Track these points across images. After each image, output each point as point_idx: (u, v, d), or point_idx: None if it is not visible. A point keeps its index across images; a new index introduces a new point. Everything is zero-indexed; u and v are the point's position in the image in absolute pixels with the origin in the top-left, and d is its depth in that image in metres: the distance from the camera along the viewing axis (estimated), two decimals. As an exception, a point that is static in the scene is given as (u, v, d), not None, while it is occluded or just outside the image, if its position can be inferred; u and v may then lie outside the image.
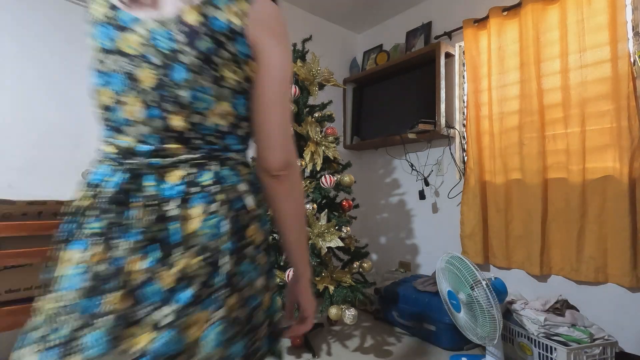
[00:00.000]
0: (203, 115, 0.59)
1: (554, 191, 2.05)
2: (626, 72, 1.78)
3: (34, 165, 1.93)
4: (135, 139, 0.59)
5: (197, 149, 0.60)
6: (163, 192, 0.57)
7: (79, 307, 0.53)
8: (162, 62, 0.57)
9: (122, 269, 0.54)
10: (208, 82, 0.58)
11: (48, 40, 1.98)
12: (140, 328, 0.53)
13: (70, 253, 0.58)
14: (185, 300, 0.54)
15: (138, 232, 0.55)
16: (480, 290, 1.65)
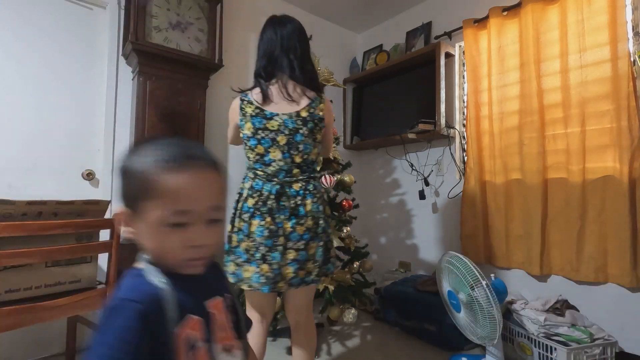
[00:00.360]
0: (308, 155, 1.28)
1: (554, 191, 2.05)
2: (626, 72, 1.78)
3: (34, 165, 1.92)
4: (276, 169, 1.25)
5: (304, 172, 1.28)
6: (293, 192, 1.25)
7: (264, 244, 1.20)
8: (290, 132, 1.25)
9: (282, 227, 1.21)
10: (310, 140, 1.28)
11: (49, 42, 1.98)
12: (291, 251, 1.21)
13: (255, 221, 1.21)
14: (308, 238, 1.23)
15: (286, 210, 1.22)
16: (480, 290, 1.65)
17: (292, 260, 1.20)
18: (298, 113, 1.25)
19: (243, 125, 1.27)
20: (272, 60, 1.30)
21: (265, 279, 1.19)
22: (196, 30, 2.24)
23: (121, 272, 0.68)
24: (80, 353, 1.96)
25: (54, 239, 1.42)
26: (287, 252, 1.20)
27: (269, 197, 1.21)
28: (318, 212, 1.25)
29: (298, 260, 1.20)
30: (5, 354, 1.81)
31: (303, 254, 1.21)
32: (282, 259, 1.19)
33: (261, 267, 1.19)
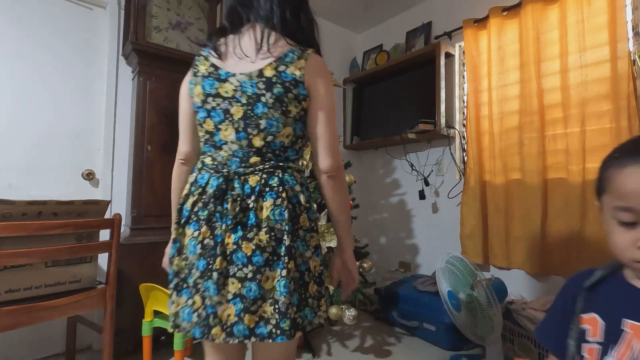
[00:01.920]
0: (274, 136, 0.87)
1: (553, 191, 2.04)
2: (626, 72, 1.78)
3: (34, 165, 1.93)
4: (228, 154, 0.88)
5: (268, 161, 0.87)
6: (247, 190, 0.85)
7: (196, 265, 0.84)
8: (247, 101, 0.86)
9: (221, 242, 0.82)
10: (278, 114, 0.86)
11: (49, 42, 1.98)
12: (233, 281, 0.82)
13: (189, 231, 0.87)
14: (260, 262, 0.81)
15: (229, 218, 0.83)
16: (480, 290, 1.65)
17: (234, 295, 0.81)
18: (261, 71, 0.85)
19: (192, 89, 0.92)
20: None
21: (197, 318, 0.82)
22: (196, 30, 2.24)
23: (121, 272, 0.68)
24: (80, 353, 1.96)
25: (54, 239, 1.42)
26: (228, 281, 0.82)
27: (212, 197, 0.85)
28: (281, 221, 0.82)
29: (243, 296, 0.80)
30: (5, 354, 1.81)
31: (252, 288, 0.80)
32: (219, 292, 0.81)
33: (194, 298, 0.84)
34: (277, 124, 0.86)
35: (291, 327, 0.80)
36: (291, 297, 0.81)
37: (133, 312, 1.74)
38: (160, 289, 1.62)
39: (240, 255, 0.82)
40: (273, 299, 0.81)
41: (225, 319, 0.80)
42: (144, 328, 1.72)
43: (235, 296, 0.81)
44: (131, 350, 1.75)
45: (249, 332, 0.80)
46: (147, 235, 1.97)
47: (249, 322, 0.80)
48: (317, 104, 0.89)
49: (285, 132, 0.88)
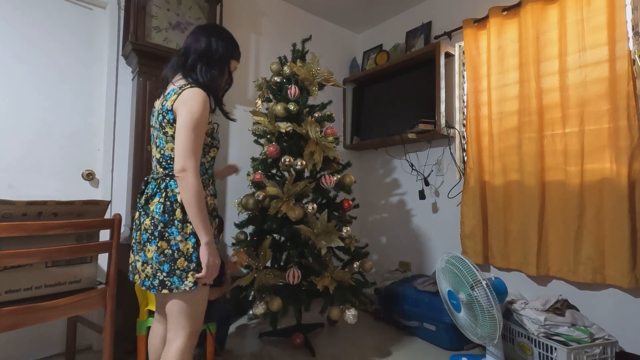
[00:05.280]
0: (163, 150, 1.21)
1: (552, 192, 2.04)
2: (625, 72, 1.78)
3: (34, 166, 1.92)
4: (153, 164, 1.28)
5: (164, 169, 1.22)
6: (149, 188, 1.23)
7: (133, 236, 1.27)
8: (154, 126, 1.26)
9: (139, 223, 1.23)
10: (161, 134, 1.21)
11: (49, 42, 1.98)
12: (138, 247, 1.21)
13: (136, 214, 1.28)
14: (144, 239, 1.18)
15: (141, 207, 1.24)
16: (480, 290, 1.65)
17: (138, 258, 1.21)
18: (158, 105, 1.24)
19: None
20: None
21: (131, 268, 1.27)
22: (196, 31, 2.24)
23: (121, 272, 0.68)
24: (80, 353, 1.96)
25: (54, 239, 1.42)
26: (137, 248, 1.22)
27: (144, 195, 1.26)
28: (157, 213, 1.15)
29: (140, 261, 1.19)
30: (5, 354, 1.81)
31: (142, 255, 1.18)
32: (136, 255, 1.22)
33: (131, 255, 1.28)
34: (162, 142, 1.21)
35: (159, 285, 1.14)
36: (161, 265, 1.14)
37: (133, 312, 1.74)
38: None
39: (142, 233, 1.19)
40: (151, 264, 1.15)
41: (138, 270, 1.20)
42: (138, 327, 1.72)
43: (137, 260, 1.21)
44: (131, 350, 1.75)
45: (141, 283, 1.18)
46: (147, 235, 1.97)
47: (142, 277, 1.18)
48: (178, 123, 1.16)
49: (168, 146, 1.20)
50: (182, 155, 1.12)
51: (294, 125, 2.06)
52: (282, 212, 1.94)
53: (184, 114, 1.13)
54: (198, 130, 1.13)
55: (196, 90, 1.16)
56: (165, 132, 1.19)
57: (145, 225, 1.18)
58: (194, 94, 1.15)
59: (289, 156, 2.02)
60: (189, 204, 1.12)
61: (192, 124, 1.12)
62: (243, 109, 2.62)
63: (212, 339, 1.78)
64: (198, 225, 1.13)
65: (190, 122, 1.12)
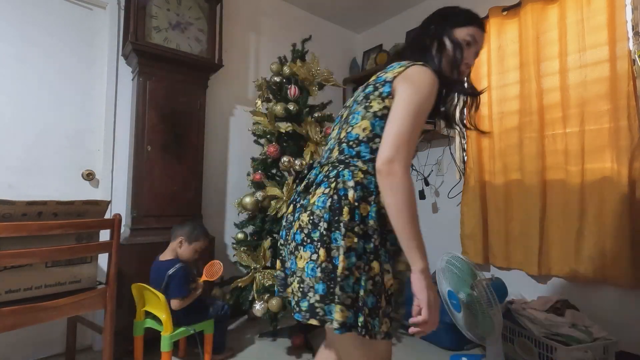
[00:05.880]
0: (351, 128, 0.94)
1: (553, 191, 2.04)
2: (625, 72, 1.78)
3: (34, 166, 1.92)
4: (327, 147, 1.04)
5: (341, 153, 0.94)
6: (314, 176, 0.96)
7: (281, 234, 1.01)
8: (350, 105, 1.03)
9: (291, 220, 0.96)
10: (361, 108, 0.94)
11: (49, 42, 1.98)
12: (290, 252, 0.93)
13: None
14: (298, 240, 0.89)
15: (297, 196, 0.98)
16: (480, 290, 1.65)
17: (288, 266, 0.94)
18: (367, 83, 1.02)
19: None
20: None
21: (278, 280, 1.01)
22: (196, 30, 2.24)
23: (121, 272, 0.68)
24: (80, 353, 1.96)
25: (54, 239, 1.42)
26: (287, 251, 0.95)
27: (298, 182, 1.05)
28: (321, 207, 0.86)
29: (290, 269, 0.92)
30: (5, 354, 1.81)
31: (293, 261, 0.90)
32: (286, 262, 0.96)
33: (278, 262, 1.02)
34: (357, 117, 0.94)
35: (307, 311, 0.83)
36: (316, 282, 0.82)
37: (133, 312, 1.74)
38: (150, 289, 1.62)
39: (292, 232, 0.92)
40: (301, 277, 0.86)
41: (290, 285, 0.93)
42: (135, 328, 1.72)
43: (288, 269, 0.95)
44: (131, 351, 1.75)
45: (292, 304, 0.89)
46: (147, 235, 1.97)
47: (290, 294, 0.91)
48: (395, 102, 0.89)
49: (360, 125, 0.92)
50: (393, 143, 0.82)
51: (294, 125, 2.06)
52: (282, 212, 1.94)
53: (408, 93, 0.87)
54: (420, 117, 0.86)
55: (428, 70, 0.91)
56: (368, 105, 0.92)
57: (301, 222, 0.89)
58: (426, 73, 0.90)
59: (289, 156, 2.02)
60: (398, 210, 0.81)
61: (414, 107, 0.85)
62: (243, 109, 2.62)
63: (211, 338, 1.79)
64: (409, 244, 0.82)
65: (413, 104, 0.86)
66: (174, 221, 1.96)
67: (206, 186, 2.33)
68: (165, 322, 1.60)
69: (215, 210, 2.50)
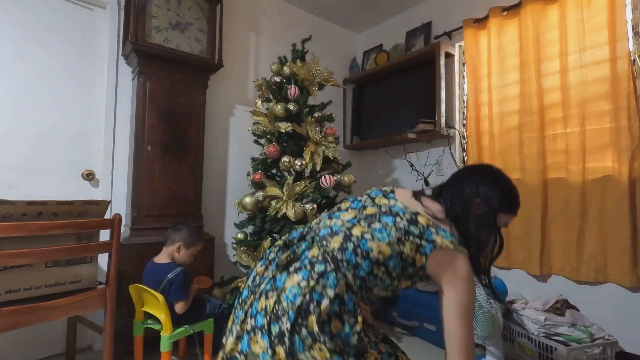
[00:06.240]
0: (371, 237, 0.89)
1: (553, 191, 2.04)
2: (626, 72, 1.78)
3: (34, 165, 1.92)
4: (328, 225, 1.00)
5: (341, 250, 0.88)
6: (301, 255, 0.90)
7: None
8: (383, 211, 0.98)
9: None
10: (393, 231, 0.91)
11: (49, 42, 1.98)
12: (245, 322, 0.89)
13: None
14: (258, 323, 0.83)
15: (273, 268, 0.93)
16: (480, 290, 1.65)
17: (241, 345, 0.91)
18: (417, 213, 1.00)
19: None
20: None
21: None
22: (196, 30, 2.24)
23: (121, 272, 0.68)
24: (80, 353, 1.96)
25: (54, 239, 1.42)
26: (245, 326, 0.92)
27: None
28: (290, 302, 0.83)
29: (241, 348, 0.90)
30: (5, 354, 1.81)
31: (245, 341, 0.88)
32: (241, 336, 0.91)
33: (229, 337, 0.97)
34: (384, 235, 0.89)
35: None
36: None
37: (133, 312, 1.74)
38: (149, 290, 1.62)
39: (255, 307, 0.87)
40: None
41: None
42: (135, 328, 1.72)
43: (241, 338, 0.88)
44: (131, 351, 1.75)
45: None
46: (147, 235, 1.97)
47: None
48: (450, 301, 0.89)
49: (382, 247, 0.88)
50: (464, 353, 0.87)
51: (294, 125, 2.06)
52: (282, 212, 1.94)
53: (460, 294, 0.90)
54: (471, 315, 0.93)
55: (467, 260, 0.94)
56: (401, 240, 0.90)
57: (267, 305, 0.84)
58: (468, 267, 0.94)
59: (289, 156, 2.02)
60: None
61: (468, 310, 0.91)
62: (243, 109, 2.62)
63: (210, 338, 1.79)
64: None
65: (465, 306, 0.90)
66: (174, 221, 1.96)
67: (206, 186, 2.33)
68: (165, 322, 1.60)
69: (215, 210, 2.50)
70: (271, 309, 0.82)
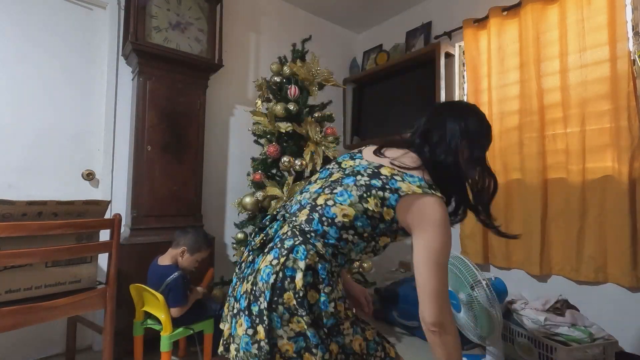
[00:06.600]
0: (334, 203, 0.87)
1: (553, 191, 2.04)
2: (626, 72, 1.78)
3: (34, 165, 1.93)
4: (297, 200, 0.99)
5: (308, 222, 0.87)
6: (274, 236, 0.91)
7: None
8: (347, 173, 0.95)
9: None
10: (354, 190, 0.88)
11: (49, 42, 1.98)
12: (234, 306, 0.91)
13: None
14: (241, 305, 0.86)
15: (251, 252, 0.96)
16: (480, 290, 1.65)
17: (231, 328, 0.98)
18: (380, 165, 0.98)
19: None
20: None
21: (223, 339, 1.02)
22: (196, 30, 2.24)
23: (121, 272, 0.68)
24: (80, 353, 1.96)
25: (54, 239, 1.42)
26: (233, 310, 0.98)
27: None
28: (265, 282, 0.85)
29: (231, 331, 0.95)
30: (5, 354, 1.81)
31: (233, 324, 0.93)
32: (231, 319, 0.98)
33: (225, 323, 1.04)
34: (345, 196, 0.86)
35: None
36: (251, 357, 0.81)
37: (133, 312, 1.74)
38: (149, 290, 1.62)
39: (238, 290, 0.91)
40: (238, 345, 0.84)
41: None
42: (135, 328, 1.72)
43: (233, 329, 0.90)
44: (131, 351, 1.75)
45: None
46: (147, 235, 1.97)
47: (231, 352, 0.88)
48: (420, 250, 0.88)
49: (346, 209, 0.85)
50: (436, 303, 0.84)
51: (294, 125, 2.06)
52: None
53: (431, 241, 0.90)
54: (446, 263, 0.90)
55: (443, 204, 0.91)
56: (364, 197, 0.86)
57: (247, 288, 0.86)
58: (443, 210, 0.91)
59: (289, 156, 2.02)
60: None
61: (441, 257, 0.89)
62: (243, 109, 2.62)
63: (210, 338, 1.79)
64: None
65: (438, 253, 0.90)
66: (174, 221, 1.96)
67: (206, 186, 2.33)
68: (165, 322, 1.60)
69: (215, 210, 2.50)
70: (249, 290, 0.84)
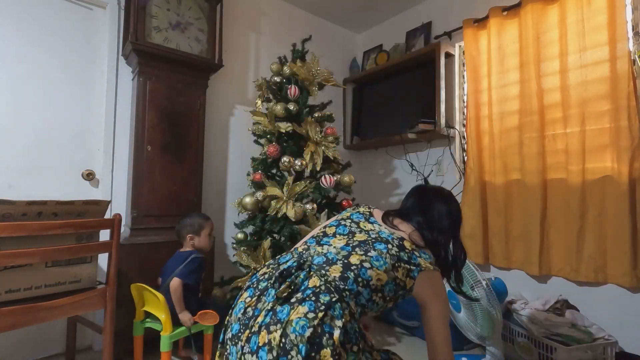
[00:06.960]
0: (370, 266, 0.94)
1: (553, 191, 2.04)
2: (626, 72, 1.78)
3: (34, 165, 1.93)
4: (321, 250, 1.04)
5: (342, 280, 0.90)
6: (301, 286, 0.89)
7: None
8: (374, 237, 1.06)
9: (253, 317, 0.90)
10: (388, 258, 0.98)
11: (49, 42, 1.98)
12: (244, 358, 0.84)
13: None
14: (262, 359, 0.79)
15: (267, 297, 0.92)
16: (480, 290, 1.65)
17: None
18: (402, 238, 1.12)
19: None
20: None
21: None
22: (196, 30, 2.24)
23: (121, 272, 0.68)
24: (80, 353, 1.96)
25: (54, 239, 1.42)
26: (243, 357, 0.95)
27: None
28: (299, 335, 0.82)
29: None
30: (5, 354, 1.81)
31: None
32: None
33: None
34: (381, 262, 0.95)
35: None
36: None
37: (133, 312, 1.74)
38: (150, 290, 1.62)
39: (253, 340, 0.83)
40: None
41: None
42: (135, 328, 1.72)
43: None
44: (131, 351, 1.75)
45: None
46: (148, 235, 1.97)
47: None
48: (433, 317, 1.02)
49: (381, 275, 0.93)
50: (448, 354, 1.03)
51: (294, 125, 2.06)
52: (282, 212, 1.94)
53: (441, 309, 1.04)
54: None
55: (438, 279, 1.07)
56: (395, 266, 0.97)
57: (272, 339, 0.81)
58: (443, 285, 1.10)
59: (289, 156, 2.02)
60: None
61: (447, 319, 1.07)
62: (243, 109, 2.62)
63: (210, 338, 1.78)
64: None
65: (445, 317, 1.06)
66: (174, 221, 1.96)
67: (206, 186, 2.33)
68: (165, 322, 1.60)
69: (215, 210, 2.50)
70: (277, 343, 0.79)
